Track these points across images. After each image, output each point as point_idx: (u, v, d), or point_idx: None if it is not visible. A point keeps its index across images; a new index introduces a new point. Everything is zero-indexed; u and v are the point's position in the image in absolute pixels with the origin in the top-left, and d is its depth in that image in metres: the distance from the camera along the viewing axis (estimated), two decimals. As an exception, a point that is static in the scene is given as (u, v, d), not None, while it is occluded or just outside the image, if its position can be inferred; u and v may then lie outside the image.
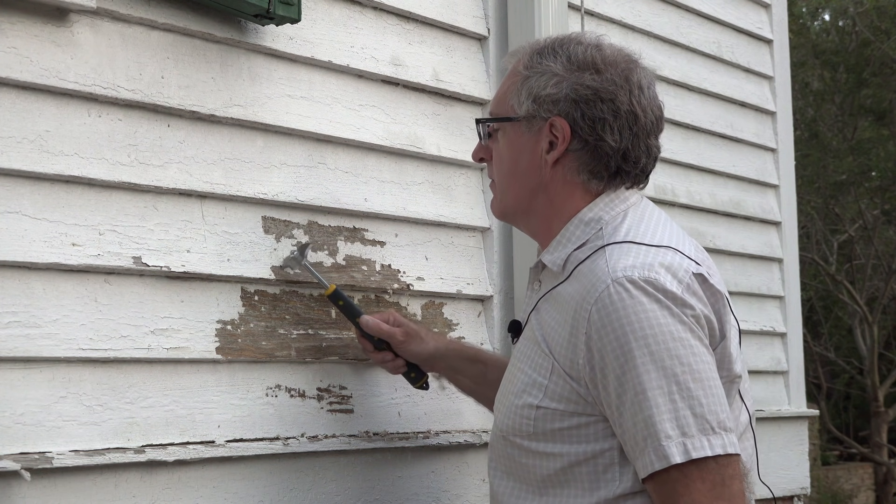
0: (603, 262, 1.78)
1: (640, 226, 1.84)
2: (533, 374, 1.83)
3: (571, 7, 2.87)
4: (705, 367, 1.71)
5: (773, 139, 3.96)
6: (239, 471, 2.12)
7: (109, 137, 2.02)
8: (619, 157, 1.86)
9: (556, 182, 1.90)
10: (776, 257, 3.91)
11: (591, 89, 1.85)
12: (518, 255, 2.69)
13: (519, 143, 1.92)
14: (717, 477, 1.68)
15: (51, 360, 1.90)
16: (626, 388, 1.70)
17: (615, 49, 1.90)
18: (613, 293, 1.72)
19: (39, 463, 1.82)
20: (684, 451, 1.66)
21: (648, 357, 1.69)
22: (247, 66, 2.25)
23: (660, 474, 1.68)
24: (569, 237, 1.88)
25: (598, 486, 1.76)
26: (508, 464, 1.88)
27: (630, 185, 1.91)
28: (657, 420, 1.67)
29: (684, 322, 1.72)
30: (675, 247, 1.81)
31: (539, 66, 1.89)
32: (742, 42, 3.85)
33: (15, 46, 1.90)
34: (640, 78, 1.88)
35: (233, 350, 2.15)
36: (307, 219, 2.33)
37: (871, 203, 16.08)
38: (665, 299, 1.72)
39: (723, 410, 1.71)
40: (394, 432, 2.41)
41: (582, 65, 1.86)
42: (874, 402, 16.01)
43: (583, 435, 1.77)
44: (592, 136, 1.85)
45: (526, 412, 1.82)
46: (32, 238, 1.90)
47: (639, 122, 1.86)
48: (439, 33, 2.66)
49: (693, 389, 1.69)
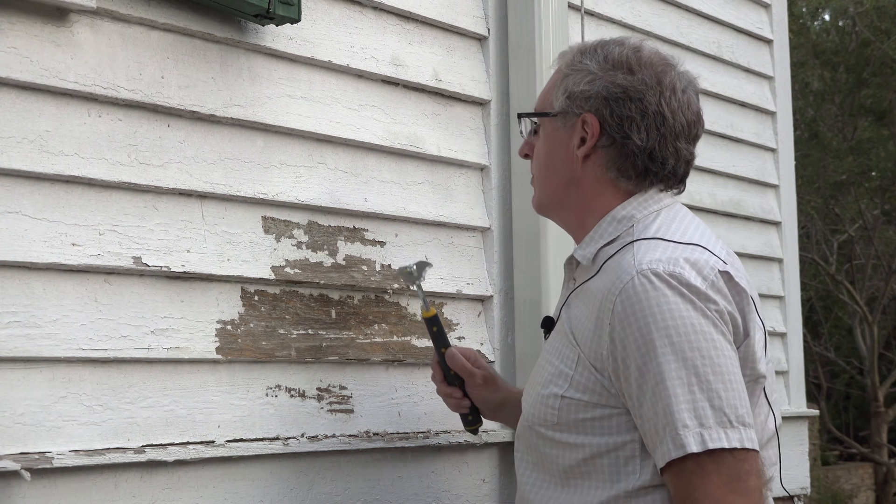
0: (630, 256, 1.81)
1: (671, 225, 1.88)
2: (560, 364, 1.86)
3: (571, 7, 2.87)
4: (726, 361, 1.73)
5: (773, 139, 3.96)
6: (239, 471, 2.13)
7: (109, 137, 2.02)
8: (645, 157, 1.90)
9: (587, 178, 1.94)
10: (776, 257, 3.91)
11: (621, 88, 1.89)
12: (518, 255, 2.69)
13: (555, 137, 1.97)
14: (734, 471, 1.69)
15: (51, 360, 1.90)
16: (646, 378, 1.72)
17: (654, 52, 1.94)
18: (637, 284, 1.75)
19: (39, 463, 1.82)
20: (701, 442, 1.68)
21: (669, 348, 1.71)
22: (247, 66, 2.25)
23: (676, 464, 1.70)
24: (601, 233, 1.91)
25: (619, 478, 1.78)
26: (534, 454, 1.90)
27: (663, 189, 1.94)
28: (675, 409, 1.69)
29: (707, 316, 1.73)
30: (703, 245, 1.83)
31: (578, 65, 1.94)
32: (742, 42, 3.85)
33: (15, 46, 1.90)
34: (674, 81, 1.91)
35: (233, 350, 2.15)
36: (307, 219, 2.33)
37: (871, 203, 16.07)
38: (689, 293, 1.74)
39: (742, 405, 1.72)
40: (394, 432, 2.41)
41: (616, 64, 1.91)
42: (874, 402, 16.01)
43: (605, 426, 1.80)
44: (620, 133, 1.89)
45: (551, 402, 1.84)
46: (32, 238, 1.90)
47: (666, 124, 1.89)
48: (439, 33, 2.66)
49: (713, 382, 1.70)
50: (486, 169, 2.71)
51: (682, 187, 1.98)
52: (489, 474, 2.61)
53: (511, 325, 2.70)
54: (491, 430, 2.61)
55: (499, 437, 2.60)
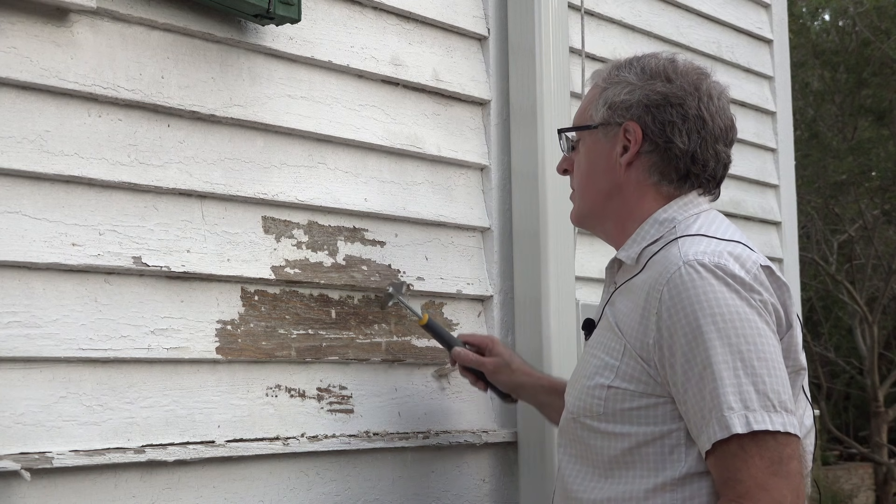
0: (676, 249, 1.87)
1: (712, 225, 1.93)
2: (606, 357, 1.90)
3: (571, 7, 2.87)
4: (770, 348, 1.78)
5: (773, 139, 3.96)
6: (239, 471, 2.13)
7: (109, 137, 2.02)
8: (687, 160, 1.96)
9: (629, 184, 1.99)
10: (776, 257, 3.91)
11: (661, 95, 1.97)
12: (518, 255, 2.69)
13: (596, 149, 2.03)
14: (776, 455, 1.72)
15: (51, 360, 1.90)
16: (693, 364, 1.76)
17: (688, 63, 2.03)
18: (685, 274, 1.80)
19: (39, 463, 1.82)
20: (746, 423, 1.72)
21: (716, 333, 1.75)
22: (247, 66, 2.25)
23: (721, 446, 1.73)
24: (644, 235, 1.97)
25: (665, 466, 1.82)
26: (577, 447, 1.94)
27: (702, 193, 1.99)
28: (721, 392, 1.73)
29: (752, 305, 1.78)
30: (744, 243, 1.89)
31: (616, 78, 2.02)
32: (742, 42, 3.85)
33: (15, 46, 1.90)
34: (710, 87, 2.00)
35: (233, 350, 2.15)
36: (307, 219, 2.33)
37: (871, 203, 16.06)
38: (734, 282, 1.79)
39: (785, 392, 1.76)
40: (394, 432, 2.41)
41: (654, 74, 1.99)
42: (874, 402, 16.00)
43: (651, 416, 1.83)
44: (662, 138, 1.96)
45: (597, 392, 1.88)
46: (32, 238, 1.90)
47: (707, 127, 1.96)
48: (439, 33, 2.66)
49: (757, 367, 1.75)
50: (486, 169, 2.71)
51: (717, 192, 2.03)
52: (489, 474, 2.61)
53: (511, 325, 2.70)
54: (491, 430, 2.61)
55: (499, 437, 2.60)
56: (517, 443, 2.63)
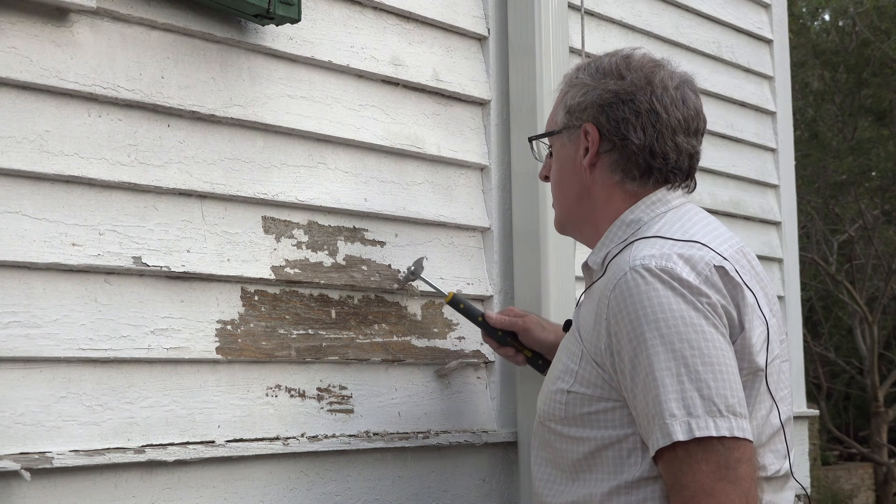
0: (627, 254, 1.86)
1: (675, 224, 1.92)
2: (567, 361, 1.91)
3: (571, 7, 2.87)
4: (717, 352, 1.75)
5: (773, 139, 3.96)
6: (239, 471, 2.13)
7: (109, 137, 2.02)
8: (646, 154, 1.96)
9: (596, 185, 2.00)
10: (776, 257, 3.91)
11: (612, 93, 1.97)
12: (518, 255, 2.69)
13: (563, 154, 2.05)
14: (722, 459, 1.71)
15: (51, 360, 1.91)
16: (638, 370, 1.76)
17: (644, 56, 2.02)
18: (630, 280, 1.80)
19: (39, 463, 1.82)
20: (688, 430, 1.71)
21: (659, 339, 1.74)
22: (247, 66, 2.25)
23: (667, 452, 1.73)
24: (611, 238, 1.97)
25: (622, 469, 1.82)
26: (547, 451, 1.95)
27: (671, 187, 1.98)
28: (663, 399, 1.72)
29: (698, 309, 1.77)
30: (702, 242, 1.86)
31: (574, 80, 2.04)
32: (742, 42, 3.85)
33: (15, 46, 1.90)
34: (665, 79, 1.98)
35: (233, 350, 2.15)
36: (307, 219, 2.33)
37: (871, 203, 16.07)
38: (680, 287, 1.77)
39: (733, 396, 1.74)
40: (394, 432, 2.41)
41: (607, 73, 2.00)
42: (874, 402, 16.00)
43: (608, 420, 1.83)
44: (618, 136, 1.97)
45: (559, 397, 1.89)
46: (32, 238, 1.90)
47: (661, 120, 1.96)
48: (439, 33, 2.66)
49: (702, 372, 1.73)
50: (486, 169, 2.72)
51: (690, 184, 2.02)
52: (489, 474, 2.61)
53: (511, 325, 2.69)
54: (491, 430, 2.61)
55: (499, 437, 2.60)
56: (517, 443, 2.63)
